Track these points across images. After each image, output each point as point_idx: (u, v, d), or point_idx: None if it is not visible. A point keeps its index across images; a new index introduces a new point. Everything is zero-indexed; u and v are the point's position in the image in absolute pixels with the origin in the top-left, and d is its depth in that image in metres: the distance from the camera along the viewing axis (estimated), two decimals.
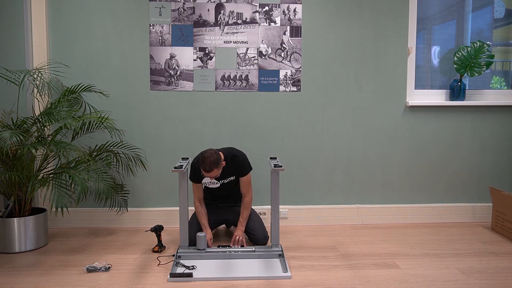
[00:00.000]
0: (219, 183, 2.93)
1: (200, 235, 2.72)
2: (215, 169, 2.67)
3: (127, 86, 3.36)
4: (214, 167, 2.66)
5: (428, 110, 3.51)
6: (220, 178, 2.93)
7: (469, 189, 3.60)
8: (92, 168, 2.93)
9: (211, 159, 2.65)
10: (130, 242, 3.07)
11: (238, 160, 2.89)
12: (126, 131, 3.39)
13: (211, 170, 2.65)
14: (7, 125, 2.87)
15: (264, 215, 3.45)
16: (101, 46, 3.32)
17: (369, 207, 3.54)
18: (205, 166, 2.65)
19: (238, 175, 2.93)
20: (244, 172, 2.91)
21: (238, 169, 2.91)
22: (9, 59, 3.24)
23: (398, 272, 2.55)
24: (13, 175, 2.77)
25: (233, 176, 2.94)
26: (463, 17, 3.59)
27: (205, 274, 2.47)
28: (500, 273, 2.54)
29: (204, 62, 3.36)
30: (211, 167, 2.65)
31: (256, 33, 3.35)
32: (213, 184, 2.92)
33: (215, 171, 2.68)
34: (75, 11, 3.28)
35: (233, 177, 2.94)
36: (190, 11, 3.32)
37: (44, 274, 2.51)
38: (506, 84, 3.67)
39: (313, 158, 3.49)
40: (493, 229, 3.36)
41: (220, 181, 2.93)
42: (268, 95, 3.41)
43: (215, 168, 2.66)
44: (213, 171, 2.66)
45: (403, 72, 3.46)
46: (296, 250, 2.92)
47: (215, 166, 2.66)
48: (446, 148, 3.55)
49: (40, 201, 3.34)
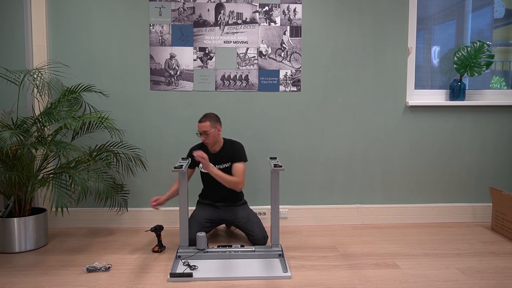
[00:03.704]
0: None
1: (200, 235, 2.72)
2: (207, 122, 2.87)
3: (127, 86, 3.36)
4: (208, 120, 2.88)
5: (428, 110, 3.51)
6: (216, 163, 2.98)
7: (469, 189, 3.60)
8: (92, 168, 2.93)
9: (210, 113, 2.94)
10: (130, 242, 3.07)
11: (236, 145, 3.03)
12: (126, 131, 3.39)
13: (204, 121, 2.88)
14: (7, 125, 2.87)
15: (264, 215, 3.45)
16: (101, 46, 3.32)
17: (369, 207, 3.54)
18: (202, 117, 2.91)
19: (233, 161, 2.98)
20: (239, 158, 2.98)
21: (234, 154, 2.98)
22: (9, 59, 3.24)
23: (398, 272, 2.55)
24: (13, 175, 2.77)
25: (229, 163, 2.99)
26: (463, 17, 3.59)
27: (205, 274, 2.47)
28: (500, 273, 2.54)
29: (204, 62, 3.36)
30: (206, 118, 2.89)
31: (256, 33, 3.35)
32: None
33: (207, 124, 2.87)
34: (75, 11, 3.28)
35: (228, 164, 2.99)
36: (190, 11, 3.32)
37: (44, 274, 2.51)
38: (506, 84, 3.67)
39: (313, 158, 3.49)
40: (493, 229, 3.36)
41: (216, 166, 2.97)
42: (268, 95, 3.41)
43: (208, 121, 2.88)
44: (205, 122, 2.87)
45: (403, 72, 3.46)
46: (296, 250, 2.92)
47: (209, 120, 2.88)
48: (446, 148, 3.55)
49: (40, 201, 3.34)
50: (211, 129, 2.89)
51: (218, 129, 2.94)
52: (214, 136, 2.92)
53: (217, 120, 2.94)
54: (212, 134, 2.90)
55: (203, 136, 2.91)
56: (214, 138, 2.92)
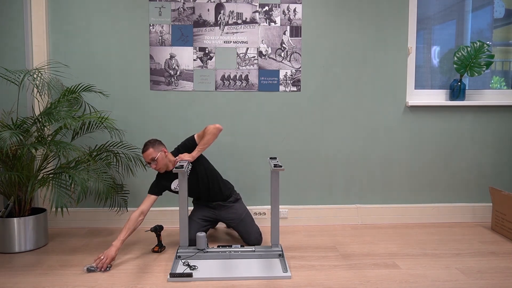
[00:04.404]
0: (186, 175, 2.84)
1: (200, 235, 2.72)
2: (150, 148, 2.80)
3: (127, 86, 3.36)
4: (149, 147, 2.80)
5: (428, 110, 3.51)
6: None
7: (469, 189, 3.60)
8: (92, 168, 2.93)
9: (150, 140, 2.86)
10: (130, 242, 3.07)
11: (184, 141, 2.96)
12: (126, 131, 3.39)
13: (146, 149, 2.80)
14: (7, 125, 2.87)
15: (264, 215, 3.45)
16: (101, 46, 3.32)
17: (369, 207, 3.54)
18: (142, 147, 2.85)
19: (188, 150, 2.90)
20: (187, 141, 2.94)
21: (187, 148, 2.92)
22: (9, 59, 3.24)
23: (398, 272, 2.55)
24: (13, 175, 2.77)
25: (190, 165, 2.91)
26: (463, 17, 3.59)
27: (205, 274, 2.47)
28: (500, 273, 2.54)
29: (204, 62, 3.36)
30: (147, 146, 2.80)
31: (256, 33, 3.35)
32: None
33: (151, 151, 2.79)
34: (75, 11, 3.28)
35: (190, 166, 2.91)
36: (190, 11, 3.32)
37: (44, 274, 2.51)
38: (506, 84, 3.67)
39: (313, 158, 3.49)
40: (493, 229, 3.36)
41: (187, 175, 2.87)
42: (268, 95, 3.41)
43: (151, 147, 2.80)
44: (148, 149, 2.79)
45: (403, 72, 3.46)
46: (296, 250, 2.92)
47: (151, 146, 2.81)
48: (446, 148, 3.55)
49: (40, 201, 3.34)
50: (157, 154, 2.79)
51: (163, 151, 2.83)
52: (163, 159, 2.82)
53: (160, 144, 2.85)
54: (160, 159, 2.80)
55: (153, 164, 2.81)
56: (163, 161, 2.82)
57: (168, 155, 2.87)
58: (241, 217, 3.01)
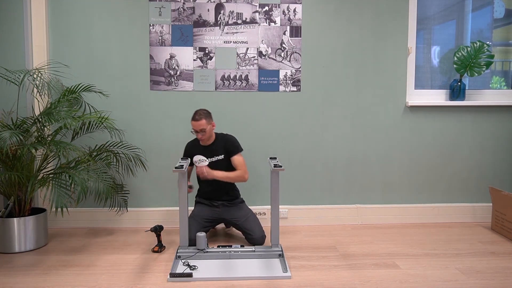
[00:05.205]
0: (208, 161, 2.95)
1: (200, 235, 2.72)
2: (203, 119, 2.88)
3: (127, 86, 3.36)
4: (203, 117, 2.88)
5: (428, 110, 3.51)
6: (210, 155, 2.98)
7: (469, 189, 3.60)
8: (92, 168, 2.93)
9: (202, 110, 2.94)
10: (130, 242, 3.07)
11: (229, 138, 3.05)
12: (126, 131, 3.39)
13: (200, 119, 2.88)
14: (7, 125, 2.87)
15: (264, 215, 3.45)
16: (101, 46, 3.32)
17: (369, 207, 3.54)
18: (195, 115, 2.90)
19: (228, 154, 2.99)
20: (236, 150, 3.01)
21: (228, 146, 3.01)
22: (9, 59, 3.24)
23: (398, 272, 2.55)
24: (13, 175, 2.77)
25: (222, 155, 3.00)
26: (463, 17, 3.59)
27: (205, 274, 2.47)
28: (500, 273, 2.54)
29: (204, 62, 3.36)
30: (201, 116, 2.88)
31: (256, 33, 3.35)
32: (202, 162, 2.92)
33: (203, 122, 2.88)
34: (75, 11, 3.28)
35: (221, 156, 3.00)
36: (190, 11, 3.32)
37: (44, 274, 2.51)
38: (506, 84, 3.67)
39: (313, 158, 3.49)
40: (493, 229, 3.36)
41: (209, 159, 2.97)
42: (268, 95, 3.41)
43: (204, 118, 2.89)
44: (201, 120, 2.88)
45: (403, 72, 3.46)
46: (296, 250, 2.92)
47: (204, 117, 2.89)
48: (446, 148, 3.55)
49: (40, 201, 3.34)
50: (207, 126, 2.92)
51: (212, 124, 2.97)
52: (210, 132, 2.96)
53: (210, 116, 2.98)
54: (208, 131, 2.93)
55: (200, 134, 2.93)
56: (210, 133, 2.96)
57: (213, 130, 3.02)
58: (247, 215, 3.02)
